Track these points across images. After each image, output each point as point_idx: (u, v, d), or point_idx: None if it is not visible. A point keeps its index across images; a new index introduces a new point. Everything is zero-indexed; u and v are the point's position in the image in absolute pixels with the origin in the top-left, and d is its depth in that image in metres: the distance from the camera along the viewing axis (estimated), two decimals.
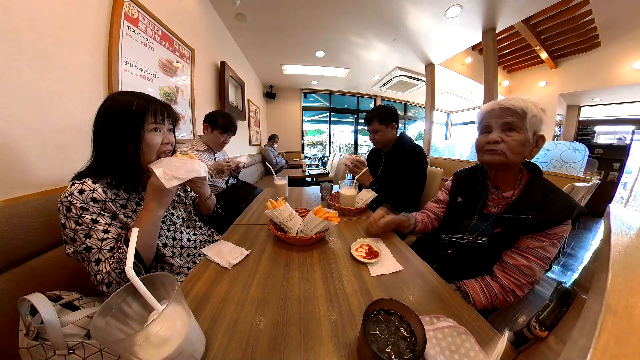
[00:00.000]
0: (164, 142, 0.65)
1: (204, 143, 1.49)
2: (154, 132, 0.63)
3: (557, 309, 0.38)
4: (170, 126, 0.69)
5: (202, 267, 0.64)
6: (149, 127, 0.62)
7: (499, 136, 0.66)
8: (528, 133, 0.64)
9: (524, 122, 0.63)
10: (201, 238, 0.88)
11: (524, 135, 0.64)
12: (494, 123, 0.68)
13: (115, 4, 1.12)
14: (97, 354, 0.51)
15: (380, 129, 1.35)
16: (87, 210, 0.56)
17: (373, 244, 0.74)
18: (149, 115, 0.61)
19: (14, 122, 0.73)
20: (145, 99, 0.63)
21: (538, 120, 0.64)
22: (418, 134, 7.31)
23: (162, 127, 0.65)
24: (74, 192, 0.55)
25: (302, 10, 2.48)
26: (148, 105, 0.62)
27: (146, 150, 0.63)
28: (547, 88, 5.06)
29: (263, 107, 5.30)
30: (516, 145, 0.64)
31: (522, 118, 0.63)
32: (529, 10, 2.48)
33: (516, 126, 0.64)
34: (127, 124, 0.59)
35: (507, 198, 0.72)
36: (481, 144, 0.71)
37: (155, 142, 0.63)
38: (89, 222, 0.56)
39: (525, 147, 0.65)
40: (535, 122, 0.64)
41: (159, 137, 0.64)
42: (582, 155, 1.78)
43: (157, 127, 0.64)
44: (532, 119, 0.63)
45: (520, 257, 0.65)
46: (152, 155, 0.64)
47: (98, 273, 0.55)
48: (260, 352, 0.39)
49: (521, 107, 0.63)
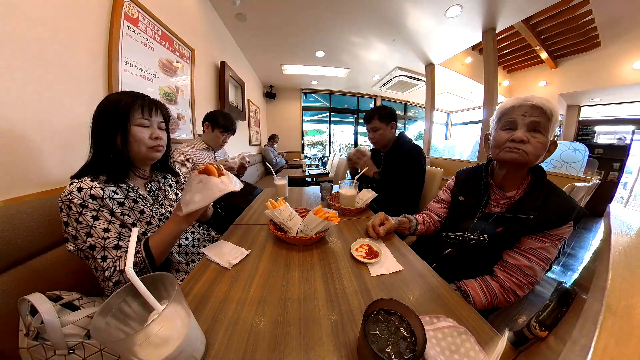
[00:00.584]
0: (152, 137, 0.67)
1: (203, 142, 1.49)
2: (141, 127, 0.65)
3: (557, 309, 0.38)
4: (161, 123, 0.70)
5: (202, 267, 0.64)
6: (135, 122, 0.64)
7: (525, 135, 0.62)
8: (548, 138, 0.62)
9: (549, 124, 0.61)
10: (199, 237, 0.88)
11: (546, 139, 0.62)
12: (521, 120, 0.63)
13: (115, 4, 1.12)
14: (97, 354, 0.51)
15: (380, 127, 1.35)
16: (87, 207, 0.57)
17: (373, 244, 0.74)
18: (136, 109, 0.63)
19: (14, 122, 0.73)
20: (133, 95, 0.65)
21: (557, 124, 0.63)
22: (418, 134, 7.31)
23: (150, 122, 0.67)
24: (72, 191, 0.56)
25: (302, 10, 2.48)
26: (135, 100, 0.64)
27: (133, 144, 0.64)
28: (547, 88, 5.06)
29: (263, 107, 5.30)
30: (541, 147, 0.62)
31: (549, 120, 0.61)
32: (529, 10, 2.48)
33: (543, 127, 0.62)
34: (115, 119, 0.61)
35: (509, 198, 0.72)
36: (502, 141, 0.67)
37: (142, 136, 0.65)
38: (90, 220, 0.57)
39: (543, 152, 0.63)
40: (554, 127, 0.63)
41: (147, 132, 0.66)
42: (582, 155, 1.79)
43: (144, 122, 0.65)
44: (554, 123, 0.62)
45: (522, 257, 0.65)
46: (140, 149, 0.65)
47: (107, 269, 0.56)
48: (260, 352, 0.39)
49: (550, 109, 0.60)
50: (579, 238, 2.63)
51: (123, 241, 0.60)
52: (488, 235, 0.72)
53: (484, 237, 0.72)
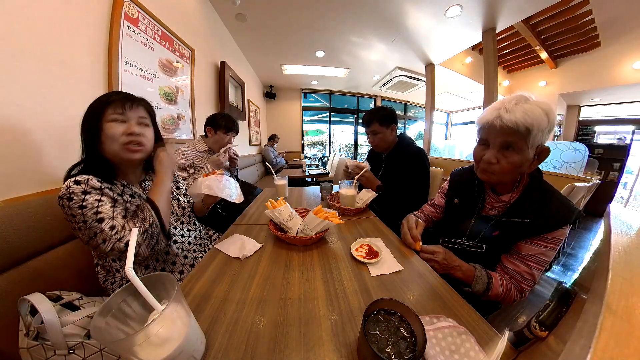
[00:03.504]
0: (125, 133, 0.63)
1: (205, 144, 1.49)
2: (113, 123, 0.63)
3: (557, 309, 0.38)
4: (142, 118, 0.68)
5: (202, 267, 0.64)
6: (108, 118, 0.62)
7: (495, 157, 0.61)
8: (529, 151, 0.59)
9: (526, 141, 0.57)
10: (196, 234, 0.88)
11: (522, 156, 0.59)
12: (492, 140, 0.62)
13: (115, 4, 1.12)
14: (97, 354, 0.51)
15: (381, 131, 1.30)
16: (89, 193, 0.57)
17: (373, 244, 0.74)
18: (109, 106, 0.63)
19: (14, 122, 0.73)
20: (109, 94, 0.65)
21: (546, 131, 0.57)
22: (418, 134, 7.31)
23: (125, 117, 0.64)
24: (71, 185, 0.56)
25: (302, 10, 2.48)
26: (109, 98, 0.64)
27: (106, 141, 0.63)
28: (547, 88, 5.06)
29: (263, 107, 5.30)
30: (511, 168, 0.60)
31: (525, 137, 0.56)
32: (529, 10, 2.48)
33: (516, 147, 0.58)
34: (90, 118, 0.62)
35: (505, 201, 0.71)
36: (477, 158, 0.68)
37: (114, 132, 0.62)
38: (94, 202, 0.57)
39: (522, 167, 0.61)
40: (541, 138, 0.58)
41: (120, 127, 0.63)
42: (582, 155, 1.79)
43: (116, 117, 0.63)
44: (537, 136, 0.56)
45: (522, 263, 0.65)
46: (112, 145, 0.63)
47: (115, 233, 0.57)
48: (260, 352, 0.39)
49: (526, 126, 0.55)
50: (579, 238, 2.63)
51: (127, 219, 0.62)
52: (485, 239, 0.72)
53: (481, 247, 0.72)
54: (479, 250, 0.73)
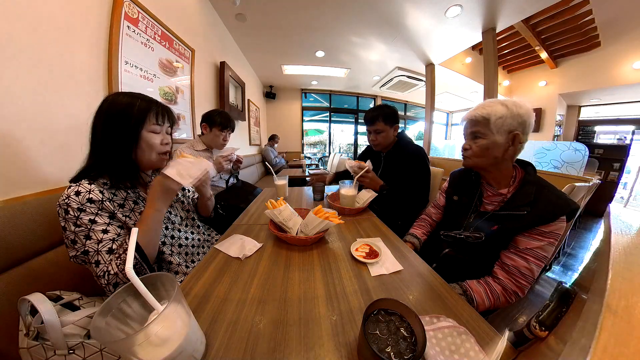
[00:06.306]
0: (162, 143, 0.68)
1: (203, 143, 1.49)
2: (153, 133, 0.65)
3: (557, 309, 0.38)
4: (169, 128, 0.71)
5: (202, 267, 0.64)
6: (149, 128, 0.64)
7: (468, 144, 0.75)
8: (496, 136, 0.68)
9: (488, 127, 0.68)
10: (199, 237, 0.88)
11: (487, 141, 0.70)
12: (466, 133, 0.78)
13: (115, 4, 1.12)
14: (97, 354, 0.51)
15: (385, 130, 1.29)
16: (84, 211, 0.56)
17: (373, 244, 0.74)
18: (151, 116, 0.64)
19: (14, 122, 0.73)
20: (147, 100, 0.65)
21: (508, 120, 0.66)
22: (418, 134, 7.31)
23: (161, 128, 0.67)
24: (70, 195, 0.56)
25: (302, 10, 2.48)
26: (150, 106, 0.64)
27: (146, 150, 0.65)
28: (547, 88, 5.07)
29: (263, 107, 5.29)
30: (479, 150, 0.72)
31: (486, 124, 0.69)
32: (529, 10, 2.47)
33: (480, 133, 0.71)
34: (128, 125, 0.61)
35: (502, 195, 0.73)
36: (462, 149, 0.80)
37: (155, 142, 0.66)
38: (87, 223, 0.56)
39: (491, 149, 0.70)
40: (502, 124, 0.67)
41: (158, 138, 0.67)
42: (582, 155, 1.79)
43: (156, 127, 0.66)
44: (497, 122, 0.67)
45: (520, 258, 0.65)
46: (151, 155, 0.66)
47: (104, 275, 0.55)
48: (260, 352, 0.39)
49: (482, 115, 0.69)
50: (579, 238, 2.63)
51: (116, 243, 0.58)
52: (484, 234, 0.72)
53: (480, 234, 0.73)
54: (479, 239, 0.73)
